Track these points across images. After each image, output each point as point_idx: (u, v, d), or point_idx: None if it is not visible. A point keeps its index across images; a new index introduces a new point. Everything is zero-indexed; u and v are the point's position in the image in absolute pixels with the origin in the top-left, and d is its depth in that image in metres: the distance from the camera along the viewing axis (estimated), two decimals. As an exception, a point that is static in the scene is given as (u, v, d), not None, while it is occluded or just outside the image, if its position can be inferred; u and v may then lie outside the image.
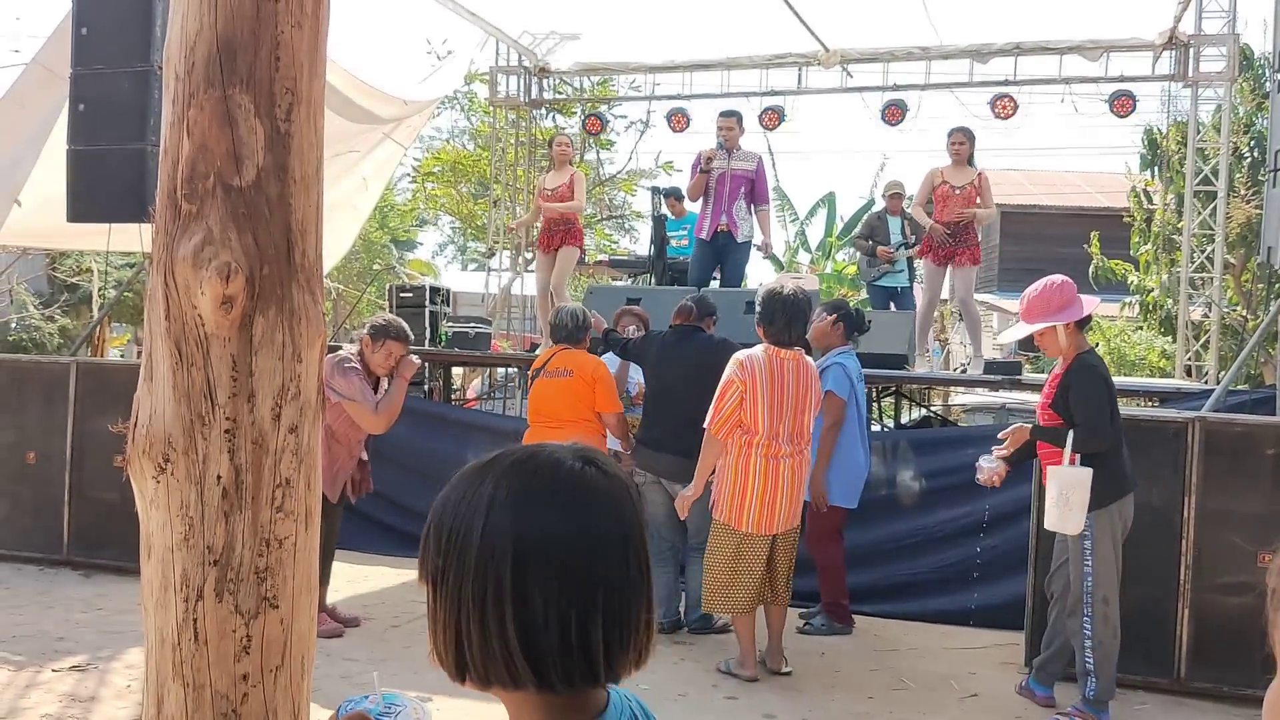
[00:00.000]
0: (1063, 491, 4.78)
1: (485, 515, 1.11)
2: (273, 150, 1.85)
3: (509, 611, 1.08)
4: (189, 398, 1.85)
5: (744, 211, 9.09)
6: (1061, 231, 21.62)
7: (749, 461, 5.40)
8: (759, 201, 9.21)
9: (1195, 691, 5.45)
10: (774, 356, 5.44)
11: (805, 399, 5.47)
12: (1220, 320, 11.51)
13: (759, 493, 5.40)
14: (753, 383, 5.37)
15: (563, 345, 6.38)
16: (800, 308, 5.54)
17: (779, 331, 5.48)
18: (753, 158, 9.19)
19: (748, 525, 5.42)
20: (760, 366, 5.39)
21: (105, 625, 6.07)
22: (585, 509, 1.11)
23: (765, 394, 5.37)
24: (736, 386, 5.38)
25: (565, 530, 1.10)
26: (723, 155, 9.02)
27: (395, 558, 7.81)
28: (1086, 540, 4.88)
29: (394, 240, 30.46)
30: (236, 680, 1.87)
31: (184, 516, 1.87)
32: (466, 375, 15.51)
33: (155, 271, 1.87)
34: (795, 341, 5.52)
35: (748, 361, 5.41)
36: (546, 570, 1.08)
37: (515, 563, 1.09)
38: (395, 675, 5.38)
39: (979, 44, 11.40)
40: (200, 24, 1.85)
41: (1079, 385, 4.92)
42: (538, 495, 1.12)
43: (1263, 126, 13.90)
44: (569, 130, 20.84)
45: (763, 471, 5.39)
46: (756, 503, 5.40)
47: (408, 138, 12.75)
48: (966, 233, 8.37)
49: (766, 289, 5.75)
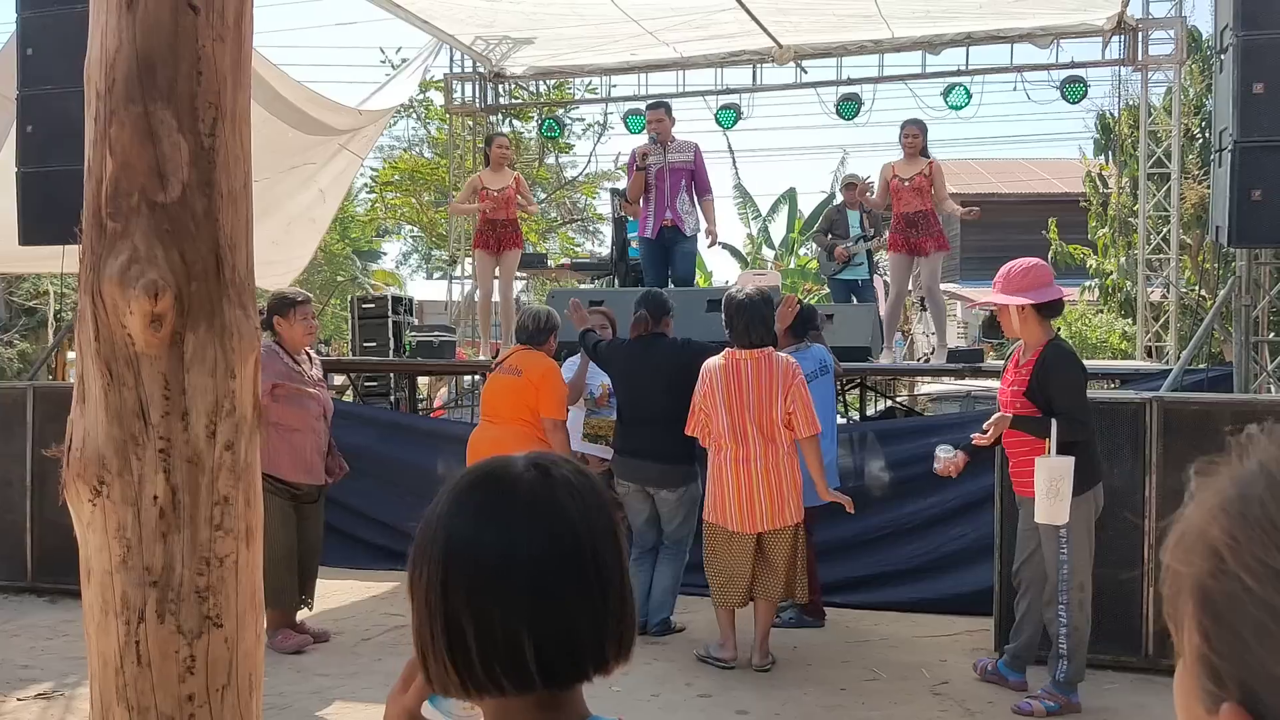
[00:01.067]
0: (1052, 482, 4.70)
1: (431, 527, 1.14)
2: (197, 165, 1.83)
3: (439, 619, 1.11)
4: (121, 418, 1.83)
5: (688, 204, 8.88)
6: (1020, 218, 21.74)
7: (721, 466, 5.60)
8: (702, 191, 8.98)
9: (1164, 669, 5.48)
10: (731, 359, 5.60)
11: (771, 397, 5.51)
12: (1179, 300, 11.62)
13: (734, 494, 5.55)
14: (709, 389, 5.60)
15: (523, 345, 6.38)
16: (757, 309, 5.66)
17: (739, 335, 5.65)
18: (689, 148, 8.95)
19: (730, 523, 5.57)
20: (716, 373, 5.60)
21: (70, 651, 6.00)
22: (516, 517, 1.12)
23: (722, 398, 5.55)
24: (699, 394, 5.64)
25: (487, 538, 1.11)
26: (658, 150, 8.84)
27: (365, 570, 7.75)
28: (1063, 530, 4.84)
29: (356, 251, 30.31)
30: (182, 701, 1.85)
31: (121, 539, 1.85)
32: (433, 384, 15.47)
33: (83, 292, 1.84)
34: (756, 342, 5.60)
35: (704, 369, 5.66)
36: (465, 577, 1.10)
37: (444, 571, 1.11)
38: (367, 689, 5.35)
39: (931, 35, 11.46)
40: (119, 40, 1.83)
41: (1060, 372, 4.90)
42: (466, 506, 1.14)
43: (1212, 108, 14.04)
44: (527, 135, 20.89)
45: (734, 475, 5.54)
46: (734, 504, 5.55)
47: (364, 148, 12.70)
48: (928, 221, 8.36)
49: (726, 295, 5.91)
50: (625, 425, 6.28)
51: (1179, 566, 0.74)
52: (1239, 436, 0.75)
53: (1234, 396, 6.26)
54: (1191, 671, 0.74)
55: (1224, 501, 0.72)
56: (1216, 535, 0.71)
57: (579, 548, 1.13)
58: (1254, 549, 0.69)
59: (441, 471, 7.94)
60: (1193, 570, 0.73)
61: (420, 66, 13.23)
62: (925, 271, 8.63)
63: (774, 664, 5.68)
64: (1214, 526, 0.72)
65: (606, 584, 1.14)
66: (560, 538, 1.12)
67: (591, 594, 1.13)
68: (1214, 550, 0.71)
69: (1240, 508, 0.71)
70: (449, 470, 7.79)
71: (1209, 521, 0.72)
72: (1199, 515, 0.74)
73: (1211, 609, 0.71)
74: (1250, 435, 0.75)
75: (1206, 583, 0.71)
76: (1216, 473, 0.75)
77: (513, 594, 1.10)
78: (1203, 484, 0.75)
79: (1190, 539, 0.74)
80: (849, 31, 11.41)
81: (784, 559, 5.62)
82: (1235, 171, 5.91)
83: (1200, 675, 0.72)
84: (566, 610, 1.11)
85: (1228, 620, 0.70)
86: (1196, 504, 0.74)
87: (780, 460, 5.55)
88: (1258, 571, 0.68)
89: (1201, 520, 0.73)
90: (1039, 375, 4.92)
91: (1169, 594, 0.76)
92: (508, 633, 1.09)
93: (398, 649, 6.05)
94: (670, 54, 12.20)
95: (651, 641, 6.12)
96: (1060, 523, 4.77)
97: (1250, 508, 0.70)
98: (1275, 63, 5.90)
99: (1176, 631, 0.76)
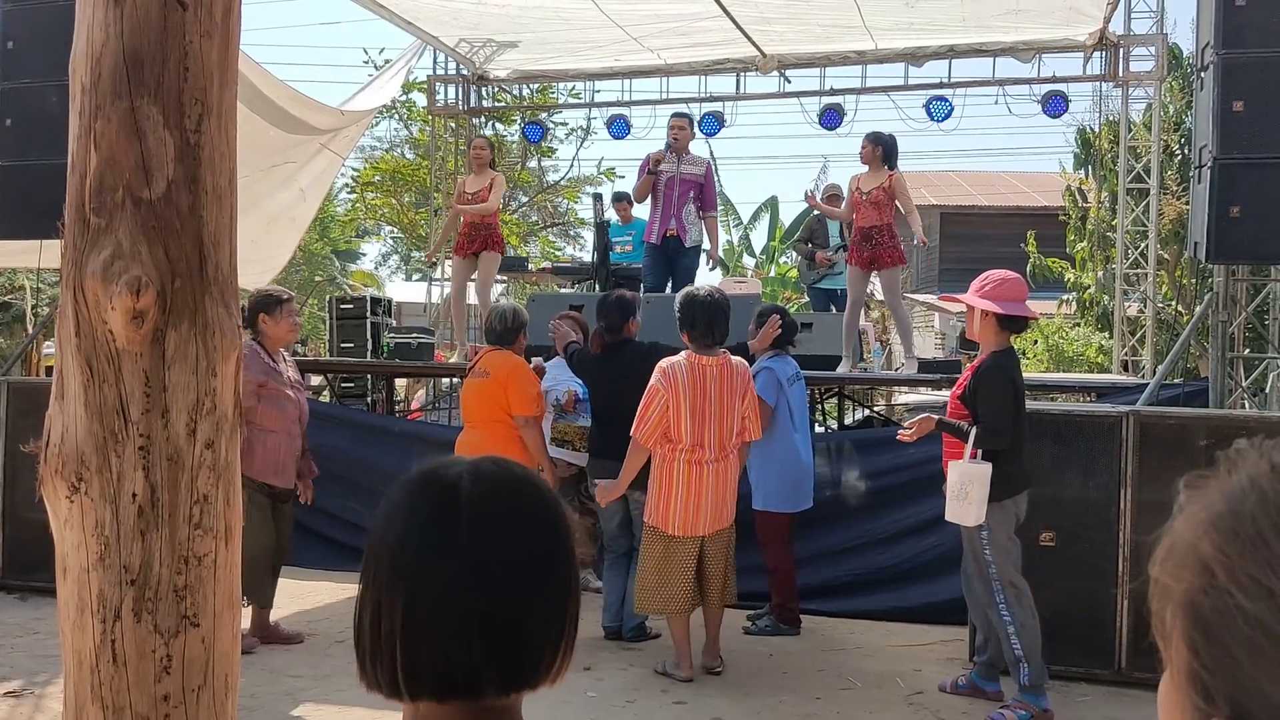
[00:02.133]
0: (962, 485, 4.89)
1: (376, 533, 1.15)
2: (183, 162, 1.82)
3: (378, 620, 1.11)
4: (101, 415, 1.81)
5: (692, 216, 9.14)
6: (999, 231, 21.89)
7: (672, 467, 5.46)
8: (707, 208, 9.27)
9: (1136, 682, 5.51)
10: (696, 364, 5.46)
11: (731, 402, 5.48)
12: (1155, 315, 11.70)
13: (683, 497, 5.45)
14: (675, 392, 5.41)
15: (492, 346, 6.38)
16: (719, 308, 5.55)
17: (701, 335, 5.52)
18: (701, 162, 9.27)
19: (674, 528, 5.47)
20: (683, 375, 5.43)
21: (41, 649, 5.94)
22: (431, 520, 1.11)
23: (688, 403, 5.40)
24: (661, 395, 5.42)
25: (395, 538, 1.11)
26: (671, 159, 9.06)
27: (339, 572, 7.70)
28: (984, 532, 5.00)
29: (335, 251, 30.23)
30: (157, 701, 1.83)
31: (99, 536, 1.83)
32: (410, 386, 15.41)
33: (65, 287, 1.83)
34: (718, 342, 5.54)
35: (670, 370, 5.45)
36: (373, 575, 1.12)
37: (363, 570, 1.13)
38: (341, 692, 5.32)
39: (914, 47, 11.51)
40: (106, 34, 1.82)
41: (987, 383, 5.06)
42: (393, 508, 1.15)
43: (1191, 124, 14.16)
44: (510, 139, 20.86)
45: (686, 476, 5.45)
46: (681, 507, 5.45)
47: (345, 148, 12.66)
48: (882, 235, 8.32)
49: (684, 293, 5.72)
50: (600, 428, 6.26)
51: (1168, 580, 0.74)
52: (1228, 451, 0.75)
53: (1210, 412, 6.30)
54: (1179, 686, 0.73)
55: (1214, 517, 0.72)
56: (1207, 551, 0.71)
57: (522, 558, 1.11)
58: (1246, 566, 0.68)
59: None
60: (1183, 585, 0.72)
61: (404, 68, 13.20)
62: (884, 286, 8.65)
63: (724, 667, 5.70)
64: (1205, 542, 0.71)
65: (556, 598, 1.13)
66: (484, 544, 1.10)
67: (534, 606, 1.11)
68: (1205, 566, 0.71)
69: (1231, 524, 0.70)
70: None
71: (1199, 536, 0.72)
72: (1188, 529, 0.73)
73: (1202, 624, 0.71)
74: (1239, 450, 0.75)
75: (1197, 598, 0.71)
76: (1206, 487, 0.74)
77: (452, 597, 1.08)
78: (1192, 498, 0.75)
79: (1180, 553, 0.73)
80: (833, 42, 11.45)
81: (724, 563, 5.61)
82: (1214, 188, 5.95)
83: (1188, 690, 0.72)
84: (510, 616, 1.10)
85: (1218, 636, 0.69)
86: (1185, 518, 0.74)
87: (729, 466, 5.55)
88: (1250, 588, 0.68)
89: (1191, 535, 0.73)
90: (973, 382, 5.11)
91: (1156, 607, 0.75)
92: (449, 638, 1.08)
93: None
94: (654, 60, 12.21)
95: (626, 647, 6.11)
96: (969, 524, 4.94)
97: (1242, 524, 0.70)
98: (1255, 81, 5.95)
99: (1164, 644, 0.75)
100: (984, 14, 10.31)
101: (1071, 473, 5.69)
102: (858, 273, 8.51)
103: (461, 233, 9.41)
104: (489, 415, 6.21)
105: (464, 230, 9.37)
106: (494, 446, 6.03)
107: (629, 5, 10.28)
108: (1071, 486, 5.68)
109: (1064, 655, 5.49)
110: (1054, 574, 5.60)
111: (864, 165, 8.45)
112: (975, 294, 5.14)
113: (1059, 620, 5.46)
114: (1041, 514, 5.55)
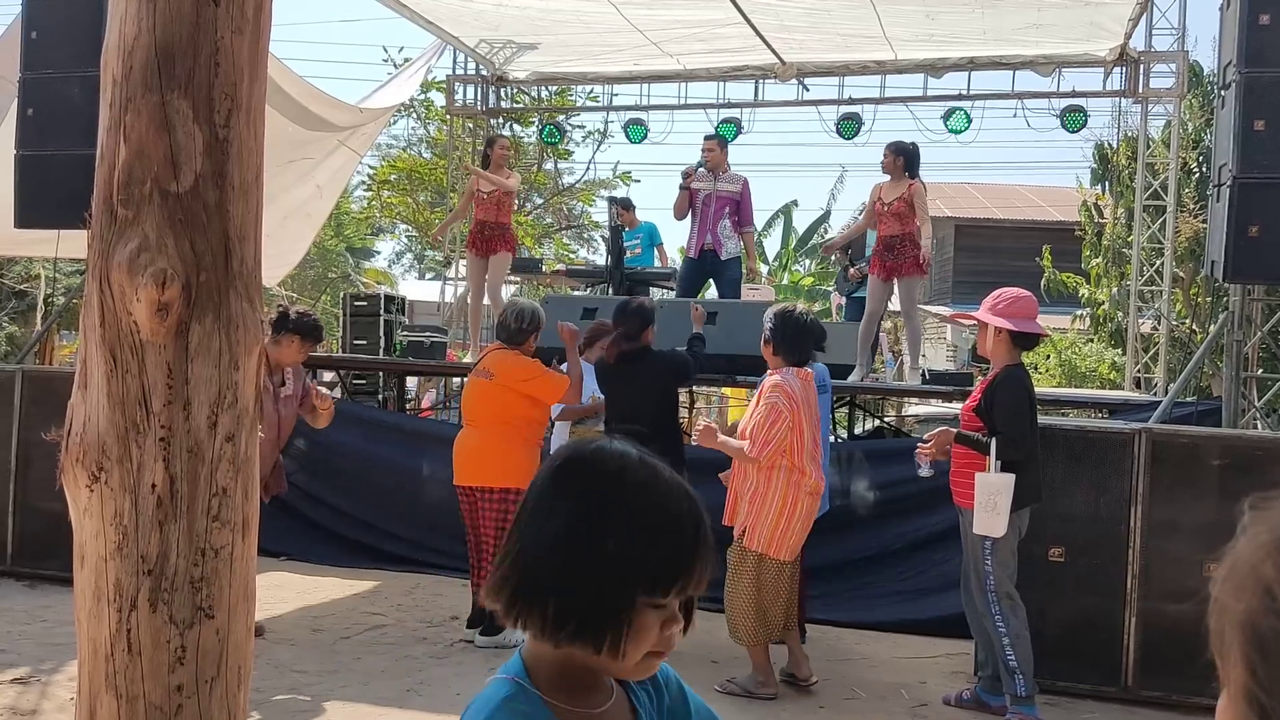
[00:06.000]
0: (990, 496, 4.95)
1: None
2: (211, 156, 1.83)
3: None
4: (124, 405, 1.82)
5: (729, 230, 9.36)
6: (1015, 244, 21.83)
7: (797, 499, 5.36)
8: (743, 223, 9.48)
9: (1143, 700, 5.50)
10: (806, 381, 5.43)
11: (818, 417, 5.54)
12: (1169, 333, 11.67)
13: (800, 527, 5.40)
14: (797, 414, 5.31)
15: (499, 344, 6.30)
16: (814, 327, 5.61)
17: (796, 352, 5.50)
18: (738, 180, 9.44)
19: (785, 553, 5.39)
20: (801, 396, 5.34)
21: (48, 637, 5.97)
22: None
23: (808, 423, 5.37)
24: (787, 418, 5.29)
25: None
26: (708, 176, 9.32)
27: (346, 568, 7.72)
28: (987, 543, 5.04)
29: (350, 248, 30.30)
30: (170, 691, 1.84)
31: (118, 525, 1.84)
32: (422, 385, 15.44)
33: (91, 278, 1.84)
34: (805, 360, 5.57)
35: (790, 390, 5.32)
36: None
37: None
38: (344, 687, 5.33)
39: (933, 58, 11.50)
40: (139, 28, 1.83)
41: (1003, 395, 5.12)
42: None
43: (1210, 142, 14.12)
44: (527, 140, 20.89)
45: (807, 509, 5.40)
46: (795, 537, 5.40)
47: (363, 145, 12.70)
48: (904, 244, 8.33)
49: (778, 311, 5.63)
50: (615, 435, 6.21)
51: (1228, 600, 0.74)
52: None
53: (1223, 431, 6.28)
54: (1236, 705, 0.74)
55: (1278, 540, 0.72)
56: (1269, 573, 0.71)
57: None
58: None
59: (426, 472, 7.91)
60: (1242, 605, 0.73)
61: (423, 67, 13.24)
62: (902, 294, 8.65)
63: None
64: (1267, 564, 0.72)
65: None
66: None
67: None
68: (1266, 588, 0.71)
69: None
70: (433, 471, 7.76)
71: (1262, 559, 0.72)
72: (1251, 550, 0.74)
73: (1260, 646, 0.71)
74: None
75: (1256, 619, 0.71)
76: (1271, 508, 0.75)
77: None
78: (1256, 519, 0.75)
79: (1241, 574, 0.74)
80: (852, 51, 11.46)
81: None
82: (1233, 207, 5.94)
83: (1245, 710, 0.73)
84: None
85: (1277, 658, 0.70)
86: (1249, 539, 0.74)
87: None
88: None
89: (1253, 556, 0.73)
90: (988, 395, 5.17)
91: (1215, 626, 0.76)
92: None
93: (376, 648, 6.03)
94: (673, 65, 12.23)
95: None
96: (997, 535, 4.99)
97: None
98: (1277, 100, 5.94)
99: (1221, 663, 0.76)
100: (1004, 27, 10.31)
101: (1082, 489, 5.67)
102: (879, 284, 8.52)
103: (474, 229, 9.44)
104: (490, 416, 6.07)
105: (475, 227, 9.40)
106: (494, 447, 6.00)
107: (650, 10, 10.30)
108: (1082, 503, 5.67)
109: (1071, 672, 5.49)
110: (1063, 590, 5.60)
111: (885, 174, 8.46)
112: (988, 311, 5.21)
113: (1067, 636, 5.46)
114: (1051, 530, 5.55)
